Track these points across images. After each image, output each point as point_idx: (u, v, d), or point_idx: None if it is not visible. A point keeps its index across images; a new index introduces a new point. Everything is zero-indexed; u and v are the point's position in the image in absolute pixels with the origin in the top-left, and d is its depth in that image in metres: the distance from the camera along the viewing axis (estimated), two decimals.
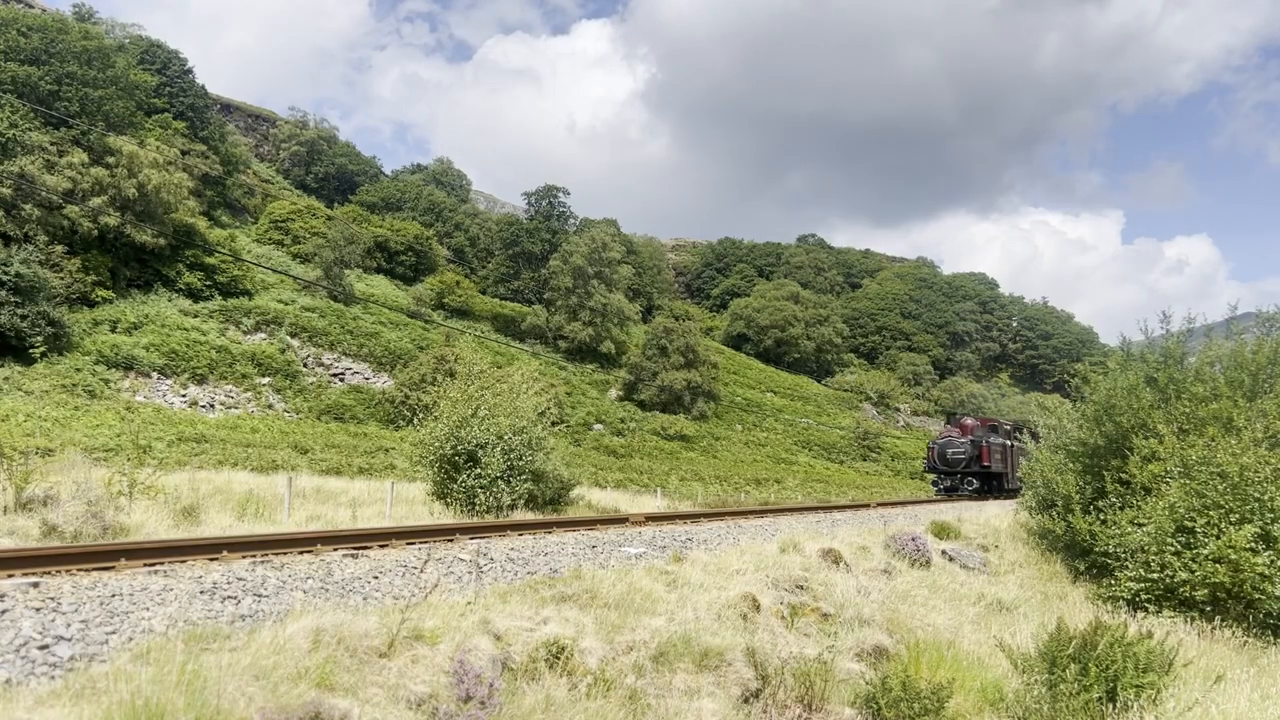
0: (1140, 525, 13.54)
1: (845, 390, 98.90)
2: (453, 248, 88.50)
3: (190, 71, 69.62)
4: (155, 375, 45.16)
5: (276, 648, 4.40)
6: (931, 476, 33.24)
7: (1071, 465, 16.53)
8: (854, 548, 11.64)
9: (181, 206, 53.93)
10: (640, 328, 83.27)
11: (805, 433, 77.89)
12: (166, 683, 3.78)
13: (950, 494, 31.37)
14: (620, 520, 14.08)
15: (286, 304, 58.04)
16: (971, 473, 31.22)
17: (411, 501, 18.73)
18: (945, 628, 9.51)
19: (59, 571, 6.32)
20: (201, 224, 58.49)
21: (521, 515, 15.55)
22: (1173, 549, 12.69)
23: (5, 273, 39.57)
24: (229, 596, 5.74)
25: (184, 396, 45.10)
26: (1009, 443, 33.32)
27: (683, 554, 9.22)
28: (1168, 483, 13.87)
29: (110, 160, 48.40)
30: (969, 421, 33.61)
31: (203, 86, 71.05)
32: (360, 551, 8.27)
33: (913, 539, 12.70)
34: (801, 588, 8.71)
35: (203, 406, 45.15)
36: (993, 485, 31.99)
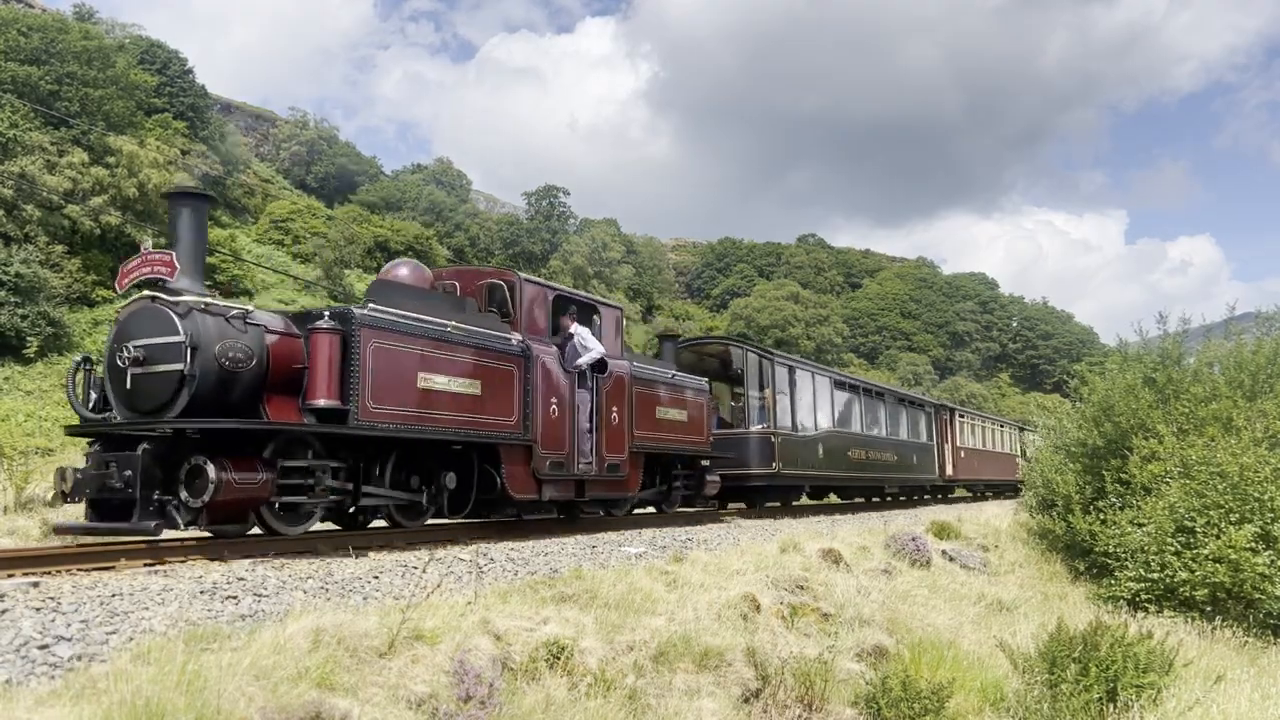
0: (1140, 525, 13.55)
1: None
2: (453, 248, 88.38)
3: (190, 71, 69.64)
4: None
5: (277, 647, 4.40)
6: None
7: (1071, 465, 16.54)
8: (854, 548, 11.63)
9: None
10: (640, 328, 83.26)
11: None
12: (167, 683, 3.78)
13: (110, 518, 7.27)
14: None
15: (287, 304, 58.01)
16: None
17: None
18: (945, 628, 9.50)
19: (59, 571, 6.32)
20: None
21: None
22: (1173, 549, 12.70)
23: (5, 273, 39.57)
24: (229, 596, 5.74)
25: None
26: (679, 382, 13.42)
27: (683, 554, 9.21)
28: (1167, 483, 13.87)
29: (110, 160, 48.39)
30: (446, 274, 11.22)
31: (203, 86, 71.09)
32: (360, 551, 8.27)
33: (913, 539, 12.69)
34: (801, 588, 8.70)
35: None
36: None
